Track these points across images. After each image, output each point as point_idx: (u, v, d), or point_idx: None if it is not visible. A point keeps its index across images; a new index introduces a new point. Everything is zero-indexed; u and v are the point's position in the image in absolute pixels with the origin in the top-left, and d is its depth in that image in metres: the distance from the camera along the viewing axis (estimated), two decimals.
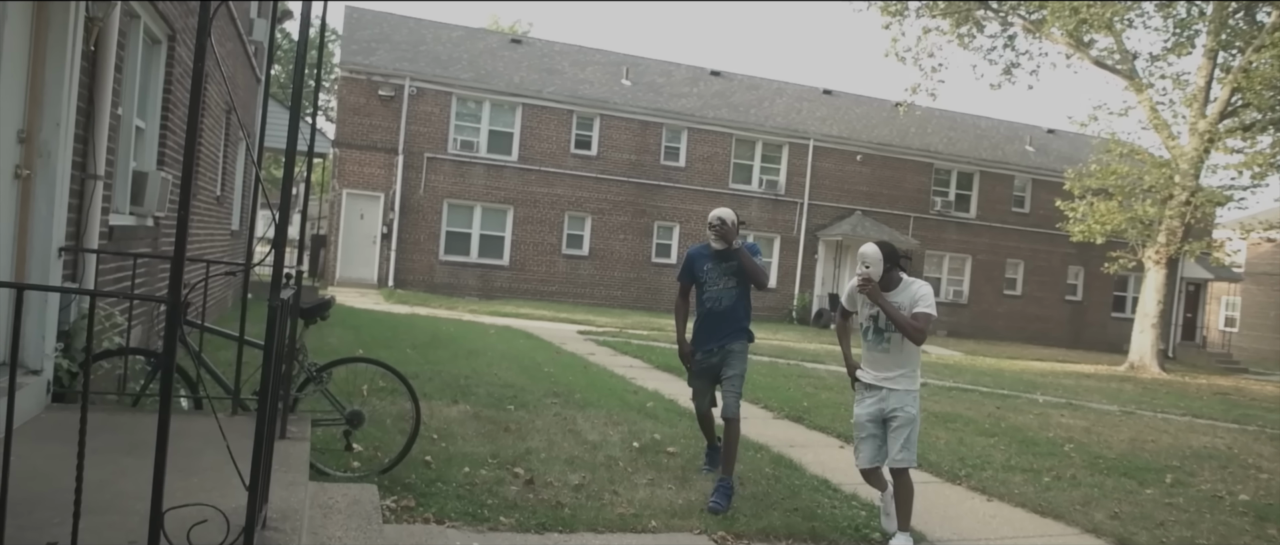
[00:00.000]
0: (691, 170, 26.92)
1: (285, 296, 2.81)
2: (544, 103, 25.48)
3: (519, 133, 25.36)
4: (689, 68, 30.37)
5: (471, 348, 12.16)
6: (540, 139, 25.48)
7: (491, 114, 25.29)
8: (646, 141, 26.48)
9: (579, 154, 25.85)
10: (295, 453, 4.01)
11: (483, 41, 28.44)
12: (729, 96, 28.95)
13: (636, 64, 29.04)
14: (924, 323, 4.94)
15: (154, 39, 6.85)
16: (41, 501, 2.93)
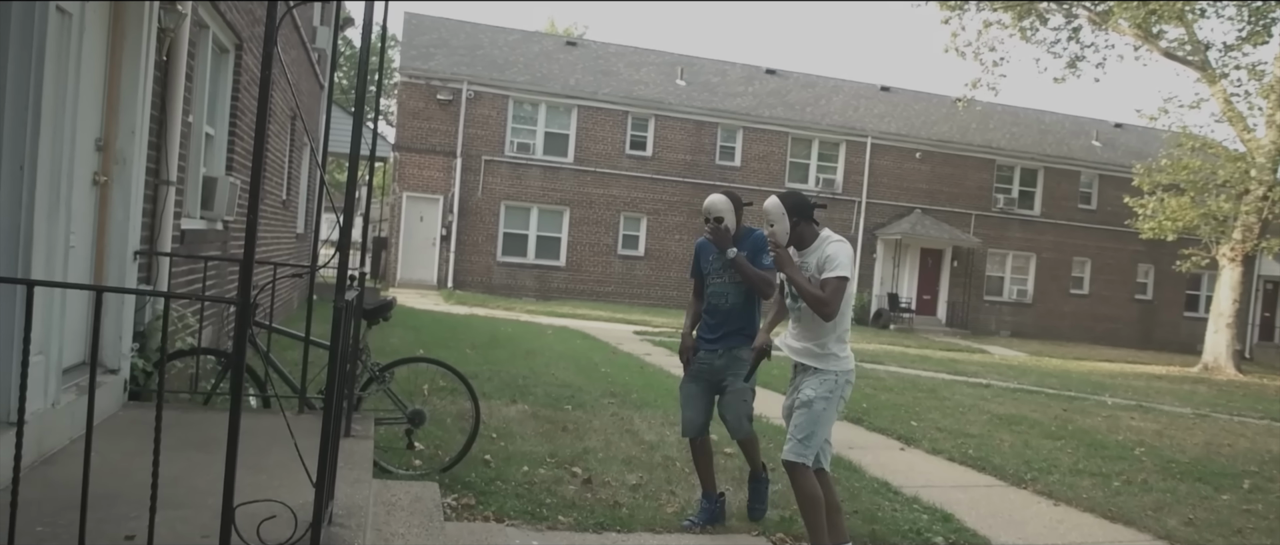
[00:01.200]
0: (747, 170, 26.79)
1: (350, 298, 2.87)
2: (599, 104, 25.60)
3: (575, 134, 25.52)
4: (744, 67, 30.23)
5: (529, 348, 12.27)
6: (596, 140, 25.61)
7: (547, 116, 25.50)
8: (701, 141, 26.42)
9: (634, 155, 25.91)
10: (359, 451, 4.09)
11: (538, 44, 28.68)
12: (785, 95, 28.74)
13: (691, 64, 29.00)
14: (832, 292, 4.10)
15: (222, 48, 7.06)
16: (120, 496, 3.04)
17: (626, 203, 25.81)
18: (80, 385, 3.88)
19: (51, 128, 3.38)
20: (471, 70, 25.05)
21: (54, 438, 3.59)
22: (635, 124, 26.00)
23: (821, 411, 4.17)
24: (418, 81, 24.39)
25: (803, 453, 4.14)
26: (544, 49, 28.17)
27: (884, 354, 16.95)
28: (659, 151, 26.10)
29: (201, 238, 6.48)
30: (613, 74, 27.09)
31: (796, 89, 29.47)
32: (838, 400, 4.25)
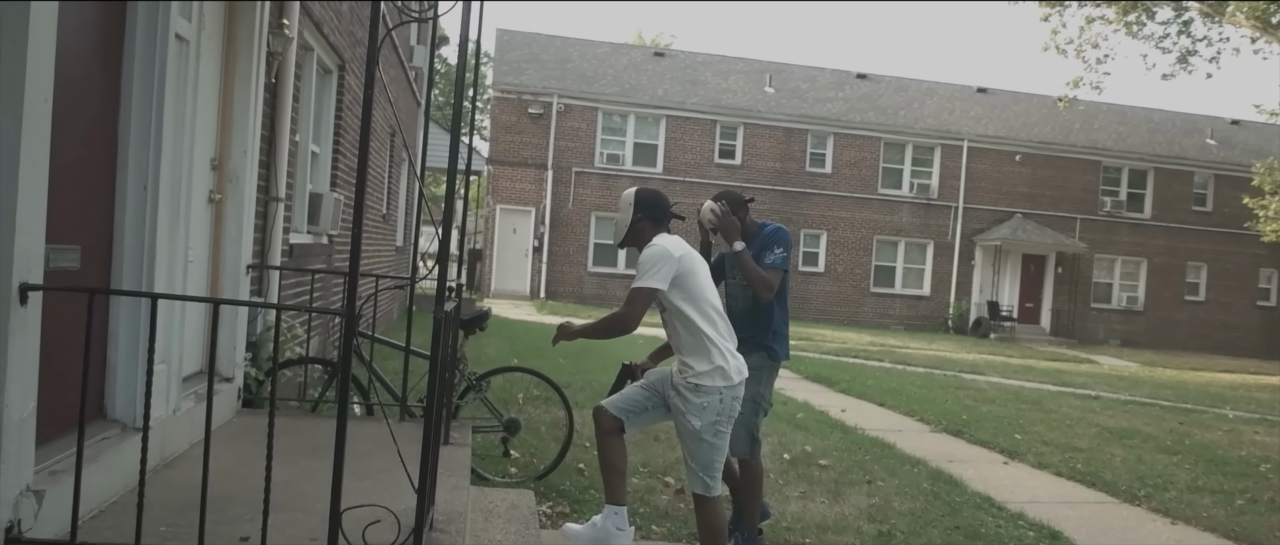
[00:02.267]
0: (838, 176, 26.39)
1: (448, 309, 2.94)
2: (688, 114, 25.64)
3: (663, 144, 25.61)
4: (834, 72, 29.83)
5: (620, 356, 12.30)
6: (684, 150, 25.64)
7: (636, 127, 25.67)
8: (791, 148, 26.17)
9: (723, 163, 25.83)
10: (458, 458, 4.18)
11: (627, 56, 28.92)
12: (876, 99, 28.23)
13: (780, 71, 28.78)
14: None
15: (325, 69, 7.34)
16: (235, 499, 3.18)
17: None
18: (198, 393, 4.08)
19: (171, 149, 3.58)
20: (562, 83, 25.42)
21: (175, 443, 3.78)
22: (724, 132, 25.93)
23: (695, 436, 3.75)
24: (510, 96, 24.89)
25: (699, 484, 3.77)
26: (632, 60, 28.39)
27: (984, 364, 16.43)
28: (748, 160, 25.96)
29: (308, 251, 6.74)
30: (701, 83, 27.10)
31: (888, 93, 28.90)
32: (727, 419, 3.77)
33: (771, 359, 4.44)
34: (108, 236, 3.38)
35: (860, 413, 9.38)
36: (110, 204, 3.37)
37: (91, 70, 3.14)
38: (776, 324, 4.45)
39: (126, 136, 3.39)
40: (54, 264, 2.85)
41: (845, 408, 9.60)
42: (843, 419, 8.79)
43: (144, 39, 3.40)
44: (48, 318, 2.60)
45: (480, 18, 4.22)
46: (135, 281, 3.44)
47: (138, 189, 3.42)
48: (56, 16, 2.53)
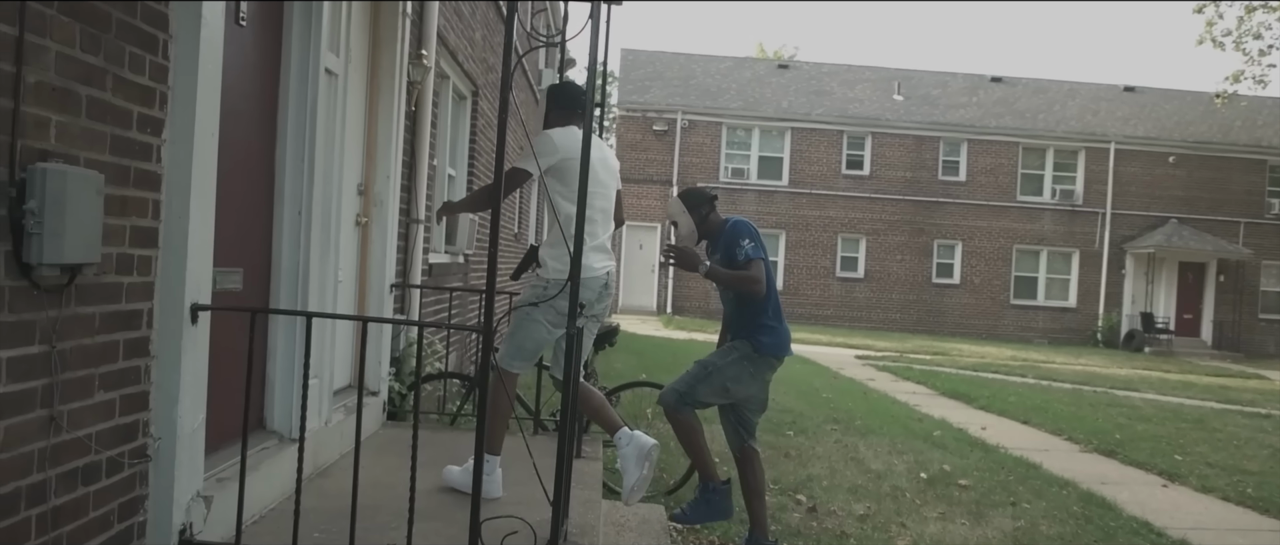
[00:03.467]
0: (973, 184, 25.42)
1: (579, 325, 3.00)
2: (813, 125, 25.30)
3: (788, 157, 25.36)
4: (966, 76, 28.81)
5: None
6: (810, 162, 25.30)
7: (761, 140, 25.52)
8: (922, 157, 25.40)
9: (851, 174, 25.34)
10: (590, 472, 4.25)
11: (750, 69, 28.82)
12: (1013, 103, 27.07)
13: (909, 78, 28.02)
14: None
15: (460, 95, 7.65)
16: (381, 507, 3.33)
17: (844, 224, 25.25)
18: (347, 406, 4.30)
19: (322, 177, 3.81)
20: (685, 100, 25.57)
21: (327, 453, 4.00)
22: (851, 143, 25.44)
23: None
24: (634, 114, 25.22)
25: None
26: (755, 74, 28.27)
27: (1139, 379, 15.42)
28: (877, 170, 25.37)
29: (446, 270, 7.02)
30: (826, 94, 26.71)
31: (1026, 96, 27.67)
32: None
33: (756, 351, 4.29)
34: (267, 259, 3.62)
35: (1002, 431, 8.97)
36: (269, 229, 3.61)
37: (251, 105, 3.38)
38: (762, 316, 4.29)
39: (282, 166, 3.63)
40: (220, 286, 3.07)
41: (985, 425, 9.21)
42: (983, 437, 8.43)
43: (297, 75, 3.64)
44: (214, 335, 2.81)
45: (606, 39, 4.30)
46: (291, 301, 3.67)
47: (293, 215, 3.66)
48: (222, 57, 2.75)
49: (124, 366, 2.45)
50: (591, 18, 2.78)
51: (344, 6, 3.99)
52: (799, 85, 27.20)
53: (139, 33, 2.41)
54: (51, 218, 1.99)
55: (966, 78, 28.68)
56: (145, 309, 2.53)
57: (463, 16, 7.13)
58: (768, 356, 4.31)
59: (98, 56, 2.24)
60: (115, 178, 2.32)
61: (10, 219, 1.96)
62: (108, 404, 2.38)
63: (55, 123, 2.10)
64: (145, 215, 2.49)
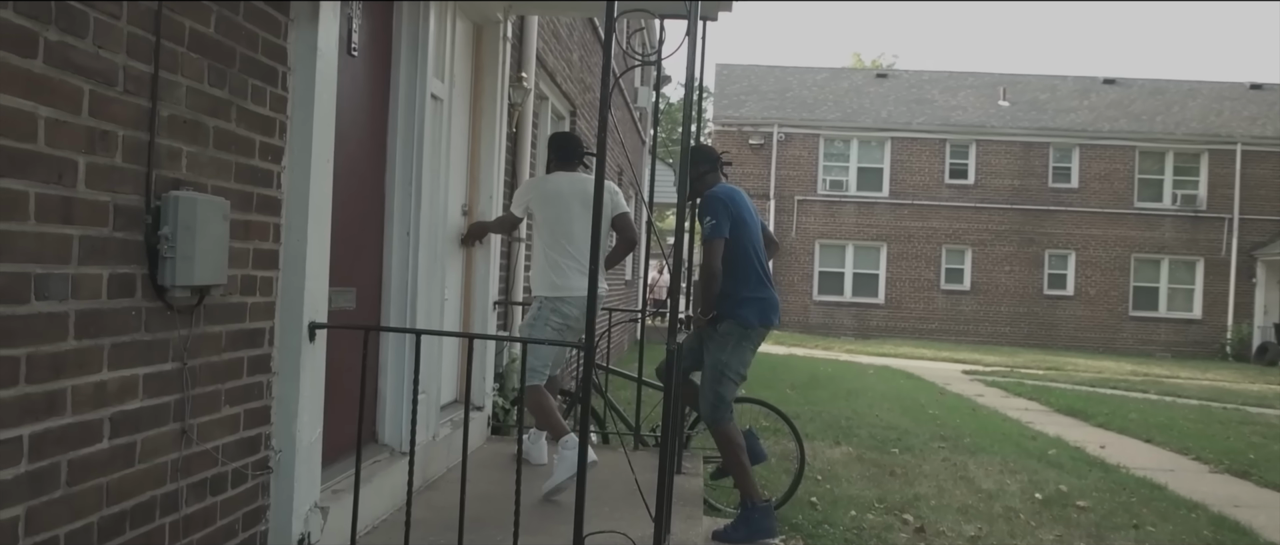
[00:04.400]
0: (1086, 191, 24.36)
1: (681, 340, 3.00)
2: (914, 134, 24.74)
3: (889, 167, 24.84)
4: (1076, 78, 27.68)
5: (850, 388, 12.01)
6: (911, 172, 24.72)
7: (860, 151, 25.10)
8: (1031, 164, 24.50)
9: (954, 184, 24.64)
10: (690, 488, 4.24)
11: (847, 80, 28.42)
12: (1127, 105, 25.86)
13: (1015, 82, 27.11)
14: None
15: (559, 115, 7.79)
16: (486, 520, 3.40)
17: (948, 235, 24.54)
18: (453, 420, 4.41)
19: (429, 198, 3.93)
20: (782, 113, 25.38)
21: (434, 466, 4.11)
22: (954, 151, 24.75)
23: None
24: (730, 129, 25.17)
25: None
26: (853, 84, 27.86)
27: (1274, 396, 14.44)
28: (982, 178, 24.59)
29: None
30: (927, 102, 26.09)
31: (1141, 97, 26.40)
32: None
33: (745, 326, 4.28)
34: (377, 279, 3.76)
35: (1122, 449, 8.53)
36: (379, 250, 3.75)
37: (362, 131, 3.53)
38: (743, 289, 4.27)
39: (392, 188, 3.77)
40: (335, 304, 3.20)
41: (1104, 444, 8.78)
42: (1102, 456, 8.04)
43: (405, 101, 3.78)
44: (329, 352, 2.93)
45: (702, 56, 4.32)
46: (400, 319, 3.80)
47: (402, 235, 3.79)
48: (336, 86, 2.88)
49: (248, 382, 2.58)
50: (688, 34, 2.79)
51: (448, 33, 4.12)
52: (898, 94, 26.66)
53: (260, 66, 2.55)
54: (183, 242, 2.12)
55: (1077, 80, 27.56)
56: (267, 327, 2.66)
57: (560, 38, 7.27)
58: (758, 329, 4.34)
59: (224, 90, 2.38)
60: (239, 203, 2.46)
61: (146, 244, 2.10)
62: (233, 418, 2.51)
63: (186, 153, 2.24)
64: (267, 238, 2.63)
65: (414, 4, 3.79)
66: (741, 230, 4.17)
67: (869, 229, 24.70)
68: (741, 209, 4.28)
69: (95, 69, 1.91)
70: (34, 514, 1.80)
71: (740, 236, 4.19)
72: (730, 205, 4.22)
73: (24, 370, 1.76)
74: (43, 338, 1.80)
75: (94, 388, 1.96)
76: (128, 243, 2.04)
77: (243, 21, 2.45)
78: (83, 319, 1.91)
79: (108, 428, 2.01)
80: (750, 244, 4.26)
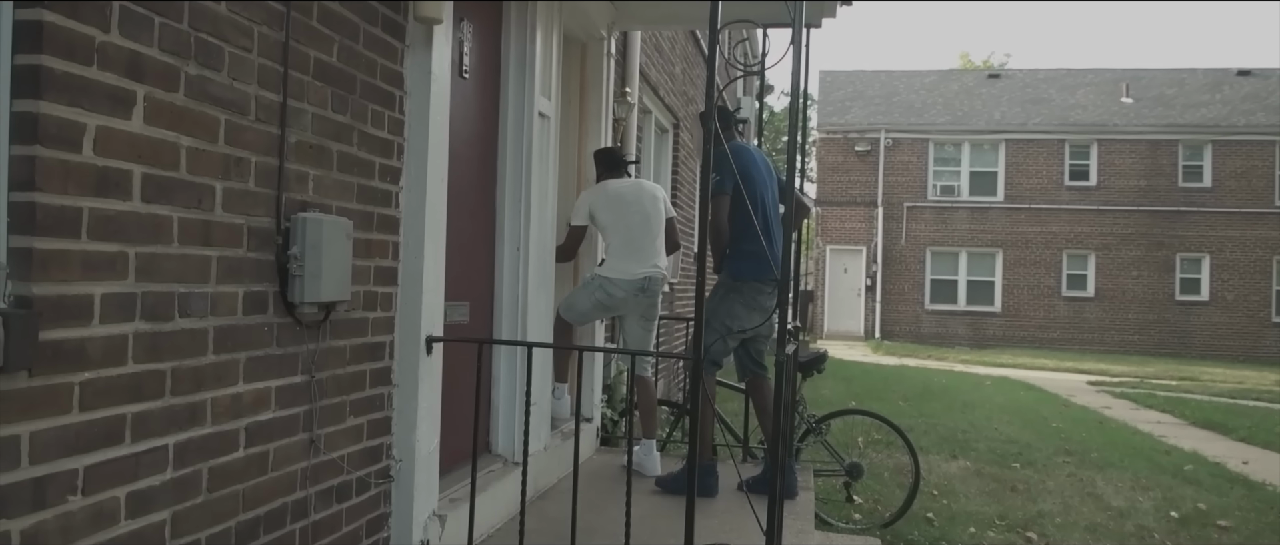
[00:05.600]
0: (1221, 190, 22.89)
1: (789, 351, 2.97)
2: (1030, 135, 23.78)
3: (1003, 170, 23.94)
4: (1207, 71, 26.08)
5: (966, 400, 11.61)
6: (1028, 174, 23.75)
7: (972, 155, 24.29)
8: (1158, 163, 23.20)
9: (1075, 186, 23.55)
10: (801, 501, 4.18)
11: (957, 82, 27.58)
12: (1265, 97, 24.18)
13: (1138, 78, 25.76)
14: None
15: (662, 129, 7.84)
16: (597, 530, 3.43)
17: (1069, 239, 23.45)
18: (563, 432, 4.48)
19: (538, 213, 4.02)
20: (888, 118, 24.83)
21: (546, 477, 4.18)
22: (1074, 152, 23.67)
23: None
24: (835, 136, 24.78)
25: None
26: (964, 85, 27.01)
27: None
28: (1105, 179, 23.42)
29: None
30: (1043, 101, 25.05)
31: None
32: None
33: (736, 278, 4.30)
34: (490, 293, 3.86)
35: (1269, 466, 7.96)
36: (491, 265, 3.85)
37: (474, 150, 3.64)
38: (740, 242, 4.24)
39: (502, 205, 3.87)
40: (449, 319, 3.30)
41: (1247, 460, 8.21)
42: (1245, 472, 7.52)
43: (514, 119, 3.88)
44: (444, 365, 3.02)
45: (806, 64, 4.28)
46: (511, 332, 3.89)
47: (512, 251, 3.88)
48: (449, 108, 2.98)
49: (370, 394, 2.69)
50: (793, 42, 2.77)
51: (554, 52, 4.21)
52: (1012, 94, 25.69)
53: (379, 91, 2.67)
54: (310, 261, 2.23)
55: (1207, 73, 25.97)
56: (387, 341, 2.77)
57: (662, 52, 7.32)
58: (750, 282, 4.26)
59: (346, 115, 2.50)
60: (361, 223, 2.57)
61: (277, 263, 2.22)
62: (357, 428, 2.62)
63: (312, 176, 2.35)
64: (386, 256, 2.74)
65: (521, 25, 3.89)
66: (746, 185, 4.15)
67: (983, 235, 23.84)
68: (748, 165, 4.30)
69: (230, 99, 2.04)
70: (178, 518, 1.92)
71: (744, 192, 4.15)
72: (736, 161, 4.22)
73: (169, 383, 1.88)
74: (185, 352, 1.93)
75: (231, 399, 2.08)
76: (261, 262, 2.16)
77: (362, 50, 2.57)
78: (221, 334, 2.03)
79: (243, 437, 2.13)
80: (755, 199, 4.23)
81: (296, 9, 2.25)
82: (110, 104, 1.70)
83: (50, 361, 1.59)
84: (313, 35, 2.33)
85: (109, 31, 1.68)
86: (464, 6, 3.37)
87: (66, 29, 1.59)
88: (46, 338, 1.57)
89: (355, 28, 2.53)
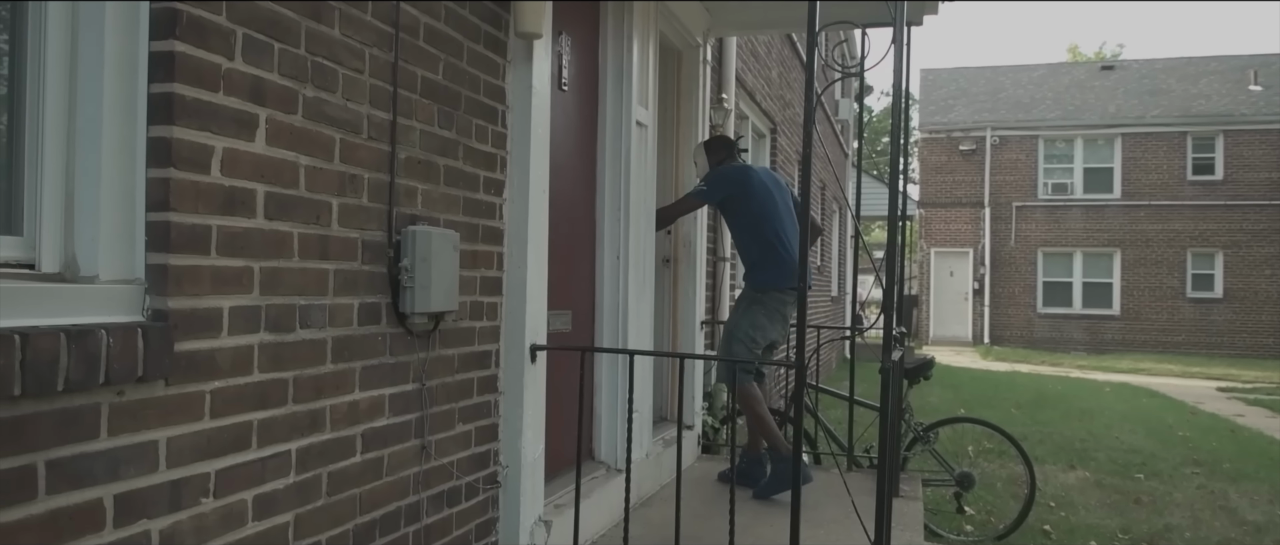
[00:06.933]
0: None
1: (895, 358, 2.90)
2: (1148, 128, 22.61)
3: (1119, 166, 22.82)
4: None
5: (1084, 407, 11.10)
6: (1146, 170, 22.57)
7: (1085, 151, 23.25)
8: None
9: (1199, 180, 22.26)
10: (910, 511, 4.07)
11: (1067, 75, 26.47)
12: None
13: (1268, 63, 24.16)
14: None
15: (759, 134, 7.79)
16: (699, 538, 3.42)
17: (1194, 237, 22.16)
18: (665, 439, 4.49)
19: (637, 222, 4.04)
20: (994, 115, 24.01)
21: (648, 484, 4.19)
22: (1197, 145, 22.38)
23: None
24: (938, 136, 24.12)
25: None
26: (1074, 79, 25.89)
27: None
28: (1233, 172, 22.05)
29: None
30: (1162, 92, 23.78)
31: None
32: None
33: (756, 290, 4.35)
34: (591, 301, 3.90)
35: None
36: (592, 273, 3.90)
37: (573, 161, 3.69)
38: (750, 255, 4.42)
39: (601, 214, 3.91)
40: (552, 327, 3.36)
41: None
42: None
43: (612, 129, 3.92)
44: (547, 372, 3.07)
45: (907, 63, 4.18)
46: (613, 339, 3.92)
47: (612, 259, 3.92)
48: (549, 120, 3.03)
49: (478, 401, 2.75)
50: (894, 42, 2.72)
51: (650, 61, 4.24)
52: (1128, 86, 24.49)
53: (483, 106, 2.74)
54: (421, 273, 2.30)
55: None
56: (493, 350, 2.83)
57: (759, 57, 7.27)
58: (768, 290, 4.29)
59: (451, 131, 2.57)
60: (467, 235, 2.64)
61: (389, 275, 2.30)
62: (465, 435, 2.69)
63: (421, 191, 2.43)
64: (491, 266, 2.80)
65: (618, 35, 3.93)
66: (748, 203, 4.28)
67: (1099, 234, 22.77)
68: (748, 185, 4.35)
69: (344, 119, 2.12)
70: (301, 520, 2.01)
71: (748, 209, 4.30)
72: (728, 180, 4.34)
73: (291, 391, 1.97)
74: (305, 362, 2.01)
75: (348, 407, 2.16)
76: (374, 274, 2.25)
77: (466, 67, 2.64)
78: (338, 345, 2.12)
79: (360, 443, 2.21)
80: (761, 215, 4.30)
81: (405, 30, 2.33)
82: (235, 127, 1.80)
83: (184, 371, 1.69)
84: (420, 55, 2.41)
85: (233, 58, 1.78)
86: (563, 20, 3.43)
87: (196, 57, 1.69)
88: (180, 349, 1.67)
89: (459, 46, 2.60)
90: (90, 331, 1.46)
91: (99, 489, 1.51)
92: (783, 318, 4.36)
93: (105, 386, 1.50)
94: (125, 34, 1.62)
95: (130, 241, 1.64)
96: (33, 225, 1.56)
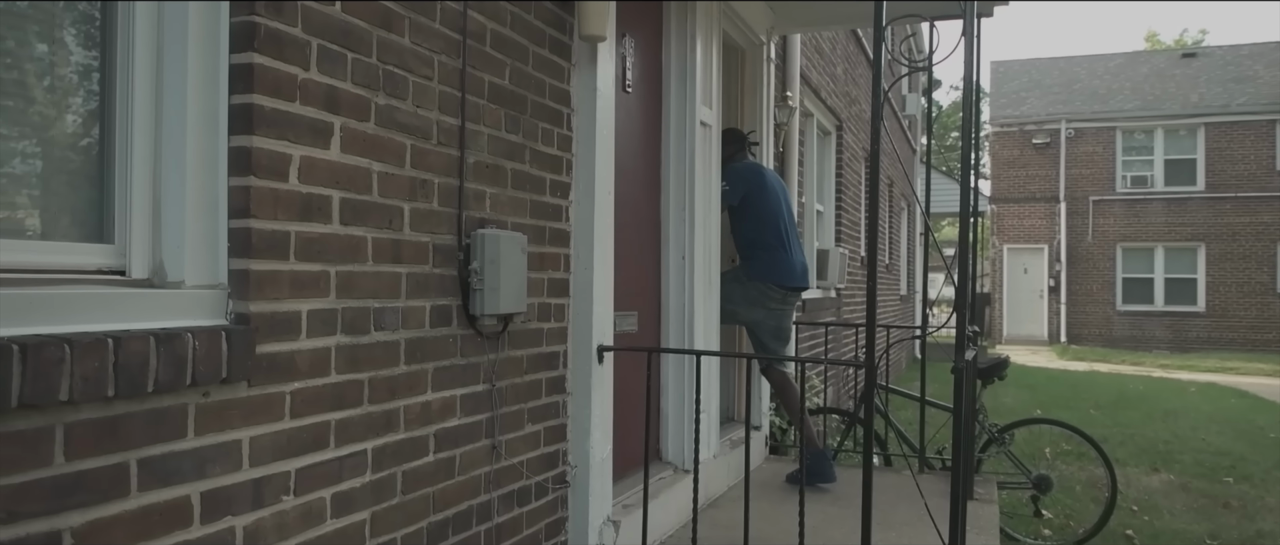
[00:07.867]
0: None
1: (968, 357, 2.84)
2: (1234, 117, 21.67)
3: (1203, 157, 21.92)
4: None
5: (1167, 408, 10.70)
6: (1233, 161, 21.64)
7: (1166, 142, 22.39)
8: None
9: None
10: (985, 514, 3.98)
11: (1146, 64, 25.54)
12: None
13: None
14: None
15: (825, 131, 7.70)
16: (768, 539, 3.39)
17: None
18: (732, 440, 4.47)
19: (702, 222, 4.04)
20: (1069, 107, 23.30)
21: (715, 484, 4.18)
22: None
23: None
24: (1010, 129, 23.50)
25: None
26: (1154, 68, 24.97)
27: None
28: None
29: (819, 305, 7.05)
30: (1249, 79, 22.77)
31: None
32: None
33: (747, 276, 4.38)
34: (657, 302, 3.90)
35: None
36: (658, 274, 3.90)
37: (638, 162, 3.70)
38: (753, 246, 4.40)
39: (666, 215, 3.91)
40: (619, 328, 3.37)
41: None
42: None
43: (676, 130, 3.92)
44: (614, 373, 3.08)
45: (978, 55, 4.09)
46: (679, 340, 3.92)
47: (677, 260, 3.92)
48: (614, 123, 3.05)
49: (546, 402, 2.78)
50: (964, 34, 2.66)
51: (714, 60, 4.22)
52: (1211, 74, 23.51)
53: (548, 110, 2.76)
54: (490, 275, 2.34)
55: None
56: (561, 351, 2.86)
57: (823, 54, 7.19)
58: (758, 282, 4.34)
59: (518, 135, 2.60)
60: (534, 237, 2.67)
61: (459, 278, 2.33)
62: (534, 435, 2.72)
63: (489, 194, 2.47)
64: (558, 268, 2.83)
65: (681, 36, 3.93)
66: (761, 198, 4.35)
67: (1182, 228, 21.91)
68: (762, 182, 4.42)
69: (414, 126, 2.17)
70: (377, 518, 2.06)
71: (759, 204, 4.36)
72: (748, 178, 4.39)
73: (366, 392, 2.02)
74: (380, 363, 2.06)
75: (421, 407, 2.20)
76: (445, 277, 2.29)
77: (532, 71, 2.67)
78: (411, 346, 2.16)
79: (433, 443, 2.25)
80: (769, 211, 4.39)
81: (472, 36, 2.37)
82: (312, 135, 1.85)
83: (265, 373, 1.74)
84: (486, 60, 2.45)
85: (309, 69, 1.83)
86: (626, 21, 3.44)
87: (273, 69, 1.74)
88: (261, 351, 1.73)
89: (525, 50, 2.64)
90: (177, 335, 1.52)
91: (187, 487, 1.57)
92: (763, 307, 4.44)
93: (192, 387, 1.56)
94: (207, 48, 1.68)
95: (213, 248, 1.70)
96: (123, 233, 1.62)
